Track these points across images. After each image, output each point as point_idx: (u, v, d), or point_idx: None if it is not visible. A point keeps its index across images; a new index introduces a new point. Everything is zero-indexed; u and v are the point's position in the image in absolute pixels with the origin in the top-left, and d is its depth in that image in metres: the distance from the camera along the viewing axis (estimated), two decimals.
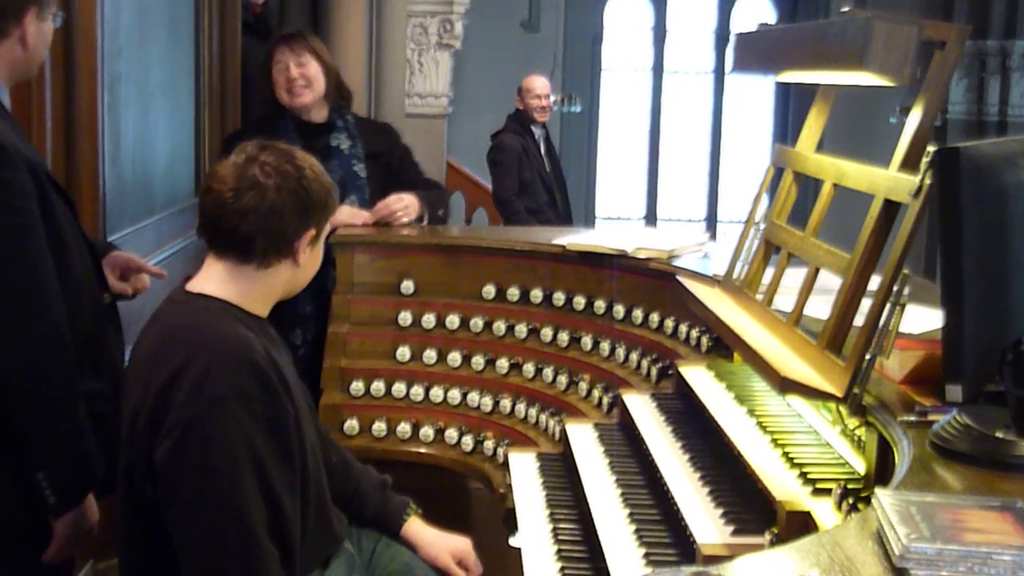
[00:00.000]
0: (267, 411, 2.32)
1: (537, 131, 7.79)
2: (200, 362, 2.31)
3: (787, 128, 11.48)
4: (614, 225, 11.55)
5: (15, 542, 2.64)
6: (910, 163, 2.38)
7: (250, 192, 2.39)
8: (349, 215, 4.36)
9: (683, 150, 12.00)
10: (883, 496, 1.70)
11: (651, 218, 11.85)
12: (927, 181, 2.22)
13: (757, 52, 3.11)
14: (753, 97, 11.97)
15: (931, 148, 2.23)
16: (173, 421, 2.29)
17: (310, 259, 2.54)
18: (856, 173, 2.64)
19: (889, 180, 2.40)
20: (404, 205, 4.40)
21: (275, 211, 2.40)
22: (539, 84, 7.76)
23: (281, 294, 2.55)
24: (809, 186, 3.13)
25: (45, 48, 2.81)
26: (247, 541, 2.28)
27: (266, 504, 2.32)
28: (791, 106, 11.58)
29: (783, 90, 11.70)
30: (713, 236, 4.43)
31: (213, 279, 2.48)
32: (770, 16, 11.58)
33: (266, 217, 2.40)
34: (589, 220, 11.15)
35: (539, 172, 7.54)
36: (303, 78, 4.39)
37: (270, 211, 2.39)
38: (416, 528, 2.89)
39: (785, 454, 2.51)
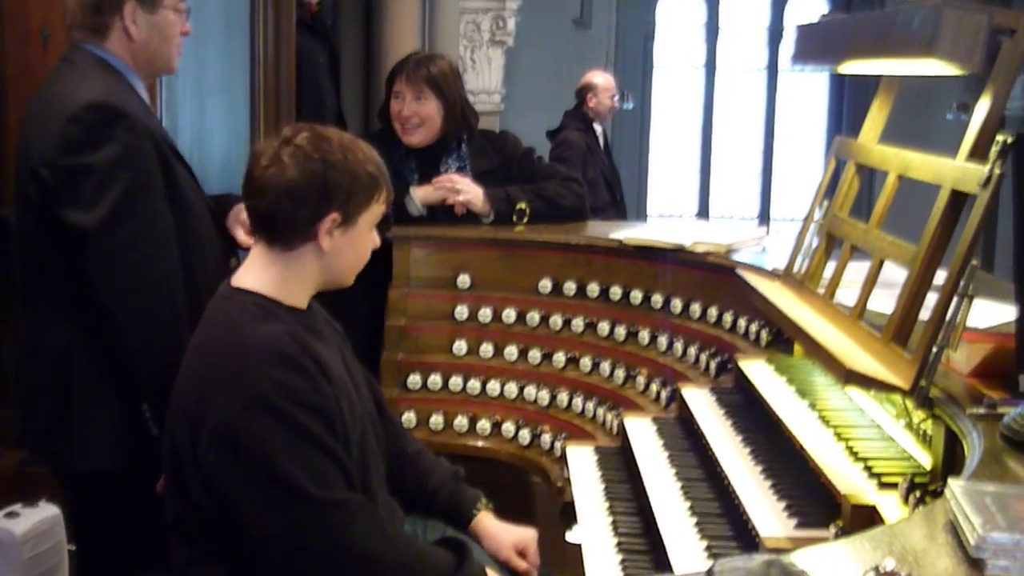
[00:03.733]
0: (310, 398, 2.34)
1: (598, 128, 7.78)
2: (235, 363, 2.34)
3: (841, 126, 11.37)
4: (668, 222, 11.50)
5: (126, 472, 2.88)
6: (978, 153, 2.34)
7: (272, 169, 2.41)
8: (423, 191, 4.38)
9: (736, 147, 11.92)
10: (956, 486, 1.68)
11: (703, 215, 11.79)
12: (996, 171, 2.19)
13: (818, 43, 3.08)
14: (806, 94, 11.88)
15: (1001, 137, 2.20)
16: (216, 423, 2.31)
17: (345, 246, 2.50)
18: (921, 164, 2.60)
19: (956, 170, 2.37)
20: (460, 185, 4.36)
21: (291, 190, 2.40)
22: (612, 82, 7.75)
23: (318, 281, 2.53)
24: (866, 180, 3.10)
25: (163, 39, 3.03)
26: (319, 510, 2.30)
27: (339, 471, 2.35)
28: (845, 103, 11.48)
29: (837, 87, 11.61)
30: (767, 233, 4.39)
31: (253, 269, 2.50)
32: (824, 12, 11.48)
33: (282, 195, 2.40)
34: (642, 217, 11.11)
35: (603, 170, 7.52)
36: (417, 117, 4.37)
37: (286, 189, 2.40)
38: (486, 523, 2.86)
39: (849, 448, 2.48)
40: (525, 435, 4.06)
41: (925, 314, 2.33)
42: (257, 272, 2.49)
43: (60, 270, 2.84)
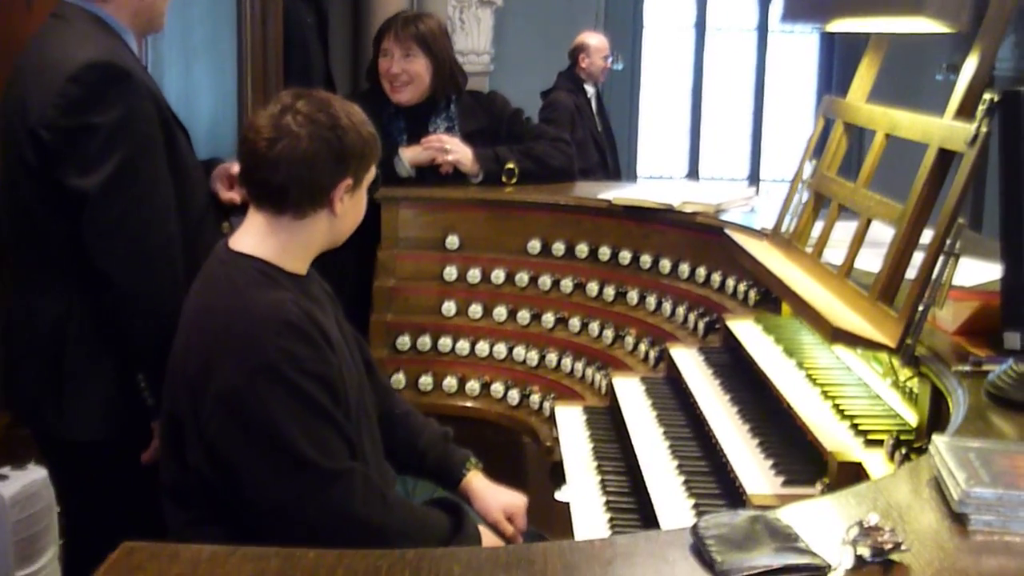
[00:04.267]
0: (315, 367, 2.33)
1: (590, 90, 7.75)
2: (241, 329, 2.33)
3: (831, 87, 11.31)
4: (657, 182, 11.48)
5: (115, 442, 2.85)
6: (965, 111, 2.34)
7: (283, 141, 2.37)
8: (412, 151, 4.37)
9: (726, 108, 11.87)
10: (940, 442, 1.69)
11: (694, 176, 11.74)
12: (983, 129, 2.19)
13: (808, 1, 3.07)
14: (796, 55, 11.82)
15: (988, 96, 2.20)
16: (221, 391, 2.30)
17: (350, 209, 2.51)
18: (909, 123, 2.60)
19: (944, 129, 2.37)
20: (449, 145, 4.36)
21: (308, 161, 2.38)
22: (605, 43, 7.72)
23: (321, 245, 2.54)
24: (855, 140, 3.09)
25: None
26: (323, 480, 2.30)
27: (343, 440, 2.36)
28: (835, 64, 11.43)
29: (827, 48, 11.55)
30: (757, 193, 4.39)
31: (252, 233, 2.48)
32: None
33: (299, 167, 2.38)
34: (631, 178, 11.06)
35: (591, 131, 7.50)
36: (406, 74, 4.36)
37: (303, 160, 2.38)
38: (475, 483, 2.87)
39: (835, 406, 2.50)
40: (514, 395, 4.08)
41: (912, 273, 2.34)
42: (259, 237, 2.46)
43: (56, 235, 2.77)
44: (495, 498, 2.84)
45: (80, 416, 2.84)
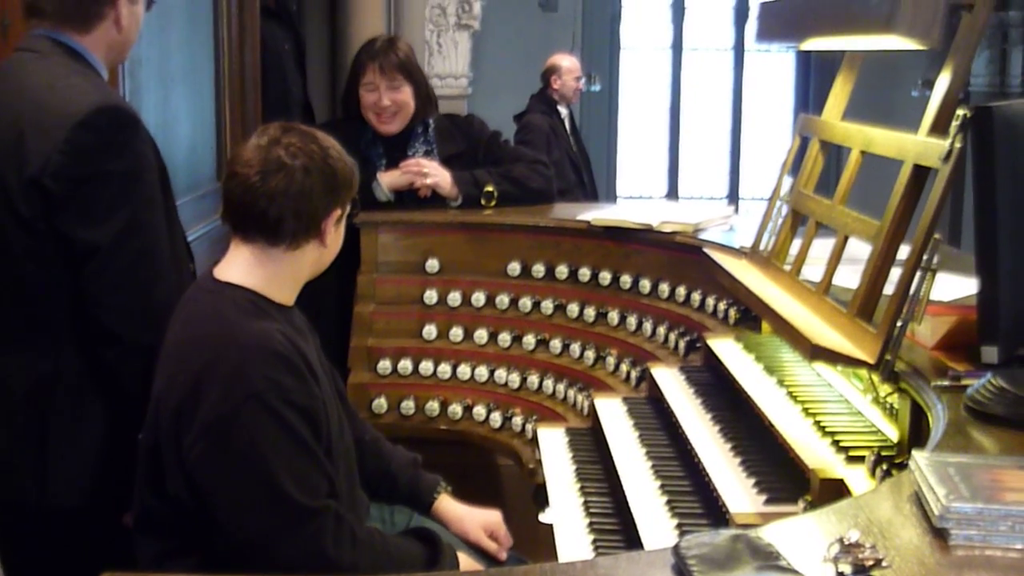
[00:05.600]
0: (301, 399, 2.33)
1: (563, 111, 7.79)
2: (230, 358, 2.31)
3: (808, 106, 11.38)
4: (636, 202, 11.51)
5: (100, 504, 2.70)
6: (939, 127, 2.35)
7: (278, 175, 2.37)
8: (390, 176, 4.37)
9: (704, 128, 11.92)
10: (920, 457, 1.70)
11: (673, 196, 11.78)
12: (957, 144, 2.20)
13: (782, 20, 3.10)
14: (773, 74, 11.89)
15: (961, 112, 2.21)
16: (208, 418, 2.28)
17: (336, 239, 2.53)
18: (884, 139, 2.62)
19: (918, 145, 2.38)
20: (427, 168, 4.35)
21: (304, 192, 2.39)
22: (577, 65, 7.77)
23: (308, 276, 2.54)
24: (832, 157, 3.11)
25: (136, 31, 2.89)
26: (298, 516, 2.29)
27: (322, 477, 2.35)
28: (811, 83, 11.49)
29: (803, 67, 11.61)
30: (736, 212, 4.41)
31: (240, 265, 2.46)
32: None
33: (296, 199, 2.38)
34: (611, 198, 11.10)
35: (567, 152, 7.53)
36: (395, 105, 4.35)
37: (299, 192, 2.38)
38: (446, 505, 2.89)
39: (817, 423, 2.50)
40: (496, 418, 4.07)
41: (890, 289, 2.34)
42: (246, 268, 2.45)
43: (47, 291, 2.64)
44: (471, 519, 2.85)
45: (65, 481, 2.70)
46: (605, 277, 4.08)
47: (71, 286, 2.63)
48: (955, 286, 2.60)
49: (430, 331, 4.23)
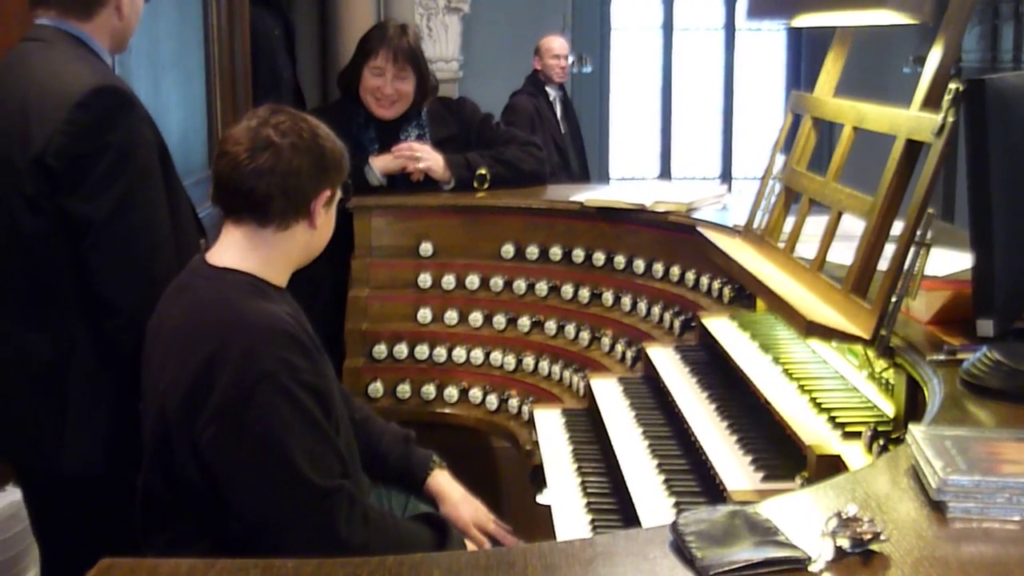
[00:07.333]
0: (312, 378, 2.33)
1: (553, 92, 7.77)
2: (240, 341, 2.30)
3: (799, 83, 11.38)
4: (629, 183, 11.51)
5: (115, 473, 2.74)
6: (931, 102, 2.35)
7: (266, 152, 2.37)
8: (382, 160, 4.36)
9: (695, 108, 11.92)
10: (917, 431, 1.70)
11: (666, 176, 11.78)
12: (950, 119, 2.20)
13: None
14: (764, 53, 11.88)
15: (953, 85, 2.21)
16: (221, 401, 2.27)
17: (327, 221, 2.53)
18: (876, 115, 2.61)
19: (911, 120, 2.38)
20: (420, 152, 4.35)
21: (292, 170, 2.39)
22: (557, 44, 7.75)
23: (299, 260, 2.54)
24: (825, 134, 3.11)
25: (137, 19, 2.98)
26: (314, 497, 2.29)
27: (335, 457, 2.35)
28: (803, 60, 11.49)
29: (794, 45, 11.61)
30: (729, 191, 4.41)
31: (233, 249, 2.46)
32: None
33: (283, 176, 2.38)
34: (603, 180, 11.10)
35: (552, 134, 7.51)
36: (397, 93, 4.36)
37: (287, 170, 2.38)
38: (441, 482, 2.88)
39: (813, 400, 2.50)
40: (492, 400, 4.07)
41: (884, 264, 2.34)
42: (240, 252, 2.45)
43: (59, 267, 2.73)
44: (463, 508, 2.85)
45: (84, 451, 2.79)
46: (599, 258, 4.07)
47: (77, 260, 2.70)
48: (949, 261, 2.60)
49: (425, 315, 4.23)
